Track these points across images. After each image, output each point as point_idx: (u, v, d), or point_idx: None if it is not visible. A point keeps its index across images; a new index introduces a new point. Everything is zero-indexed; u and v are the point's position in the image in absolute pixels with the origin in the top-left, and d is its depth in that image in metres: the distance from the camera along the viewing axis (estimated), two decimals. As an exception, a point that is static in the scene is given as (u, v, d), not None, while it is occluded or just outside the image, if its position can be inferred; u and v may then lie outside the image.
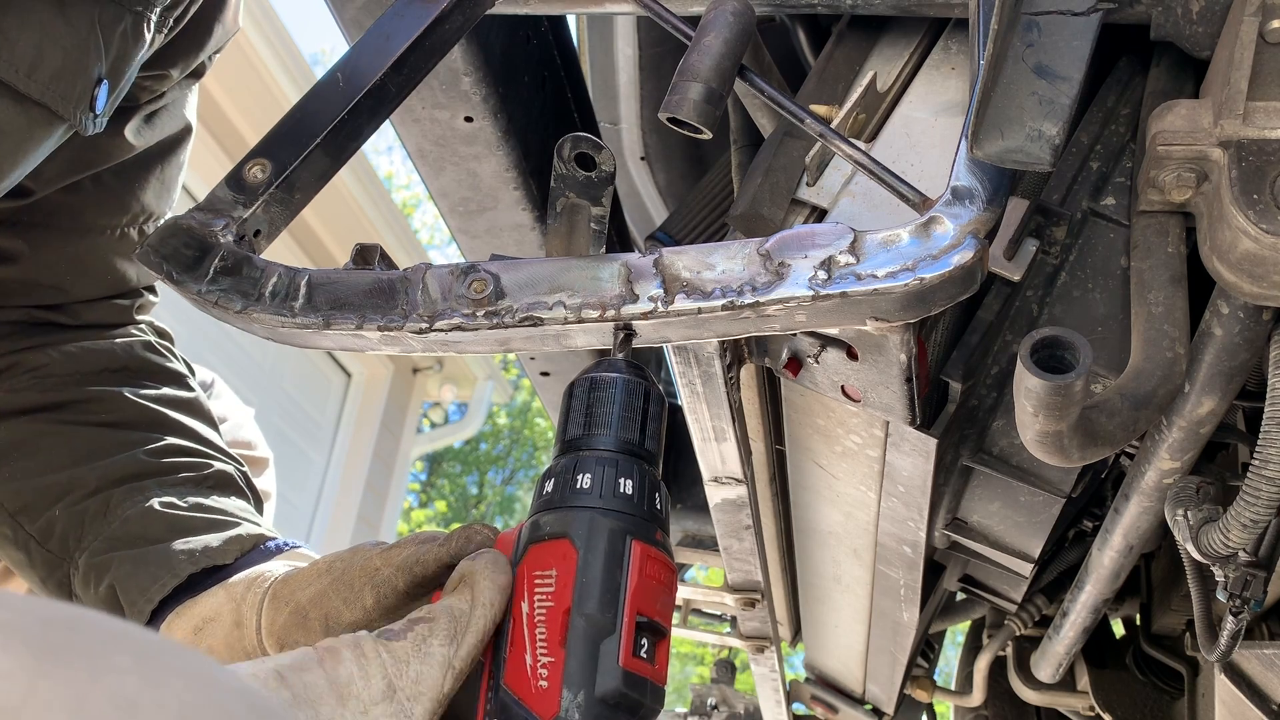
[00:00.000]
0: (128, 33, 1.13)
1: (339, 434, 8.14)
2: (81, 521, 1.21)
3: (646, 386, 0.88)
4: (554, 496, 0.83)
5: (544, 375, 2.15)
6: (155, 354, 1.37)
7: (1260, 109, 0.92)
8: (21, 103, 1.06)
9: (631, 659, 0.77)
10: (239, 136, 5.73)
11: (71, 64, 1.08)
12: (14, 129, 1.07)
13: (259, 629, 1.04)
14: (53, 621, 0.41)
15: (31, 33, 1.04)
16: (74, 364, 1.30)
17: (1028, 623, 2.16)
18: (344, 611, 0.98)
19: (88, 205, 1.30)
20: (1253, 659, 1.50)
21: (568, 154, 0.98)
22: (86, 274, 1.33)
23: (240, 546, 1.16)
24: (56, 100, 1.08)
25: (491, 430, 18.04)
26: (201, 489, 1.24)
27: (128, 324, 1.39)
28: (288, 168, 0.98)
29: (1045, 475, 1.31)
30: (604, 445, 0.84)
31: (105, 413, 1.28)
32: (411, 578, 0.95)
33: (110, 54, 1.12)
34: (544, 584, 0.80)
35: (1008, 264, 1.01)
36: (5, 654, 0.38)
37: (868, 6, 1.14)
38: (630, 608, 0.78)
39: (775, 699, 2.61)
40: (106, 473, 1.22)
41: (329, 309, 0.92)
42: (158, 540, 1.16)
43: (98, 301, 1.36)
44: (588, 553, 0.79)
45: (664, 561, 0.82)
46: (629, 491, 0.82)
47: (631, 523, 0.81)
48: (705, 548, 2.39)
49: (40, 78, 1.06)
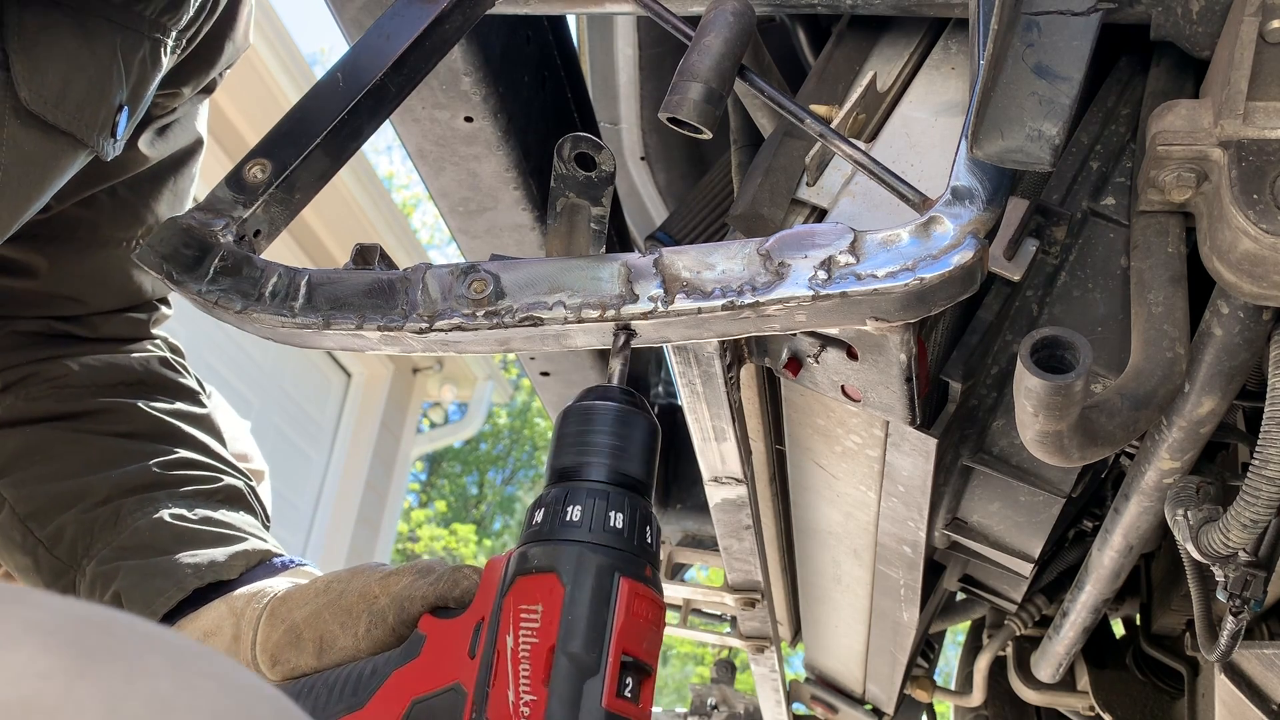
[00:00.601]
0: (146, 59, 1.15)
1: (339, 434, 8.14)
2: (91, 529, 1.22)
3: (640, 416, 0.86)
4: (543, 528, 0.82)
5: (544, 375, 2.15)
6: (170, 370, 1.39)
7: (1260, 109, 0.92)
8: (49, 132, 1.08)
9: (615, 700, 0.76)
10: (238, 136, 5.73)
11: (95, 93, 1.10)
12: (42, 157, 1.09)
13: (253, 644, 1.05)
14: (89, 622, 0.41)
15: (59, 62, 1.06)
16: (92, 376, 1.32)
17: (1028, 623, 2.16)
18: (339, 635, 0.99)
19: (104, 218, 1.32)
20: (1253, 659, 1.50)
21: (568, 154, 0.98)
22: (104, 286, 1.36)
23: (246, 562, 1.17)
24: (81, 129, 1.10)
25: (491, 430, 18.05)
26: (211, 502, 1.25)
27: (144, 338, 1.41)
28: (288, 168, 0.98)
29: (1045, 475, 1.31)
30: (595, 476, 0.83)
31: (120, 424, 1.29)
32: (401, 613, 0.96)
33: (130, 80, 1.14)
34: (529, 619, 0.79)
35: (1008, 264, 1.01)
36: (45, 654, 0.39)
37: (868, 6, 1.14)
38: (615, 647, 0.77)
39: (775, 699, 2.61)
40: (118, 482, 1.23)
41: (329, 309, 0.92)
42: (165, 551, 1.17)
43: (115, 315, 1.38)
44: (574, 589, 0.77)
45: (652, 599, 0.81)
46: (619, 525, 0.80)
47: (620, 558, 0.79)
48: (705, 548, 2.39)
49: (67, 107, 1.08)
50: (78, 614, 0.42)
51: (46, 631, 0.40)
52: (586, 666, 0.76)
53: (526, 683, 0.77)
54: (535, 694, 0.76)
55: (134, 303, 1.39)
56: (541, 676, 0.76)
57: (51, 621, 0.40)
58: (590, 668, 0.76)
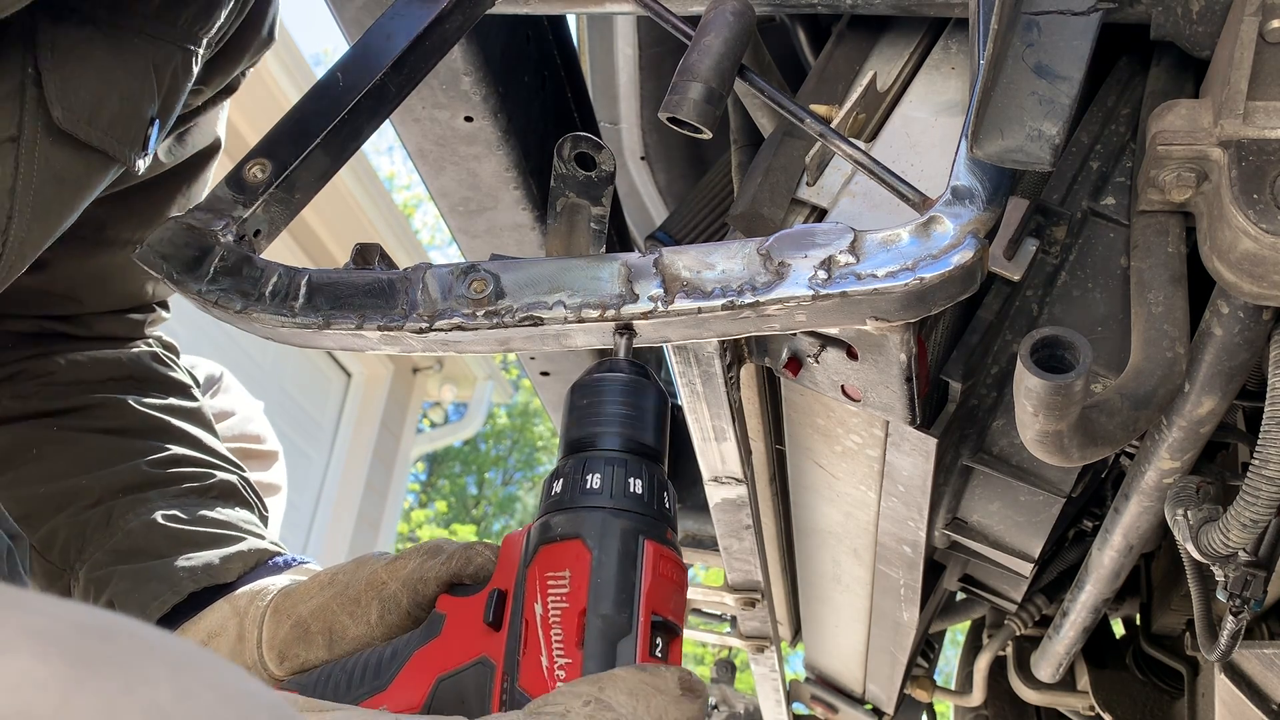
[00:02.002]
0: (178, 70, 1.13)
1: (339, 434, 8.14)
2: (83, 532, 1.20)
3: (650, 385, 0.88)
4: (564, 497, 0.83)
5: (544, 375, 2.15)
6: (161, 365, 1.38)
7: (1260, 108, 0.92)
8: (80, 150, 1.06)
9: (648, 658, 0.77)
10: (239, 136, 5.73)
11: (129, 108, 1.09)
12: (73, 176, 1.08)
13: (259, 642, 1.04)
14: (87, 629, 0.41)
15: (91, 79, 1.05)
16: (79, 372, 1.30)
17: (1028, 622, 2.16)
18: (349, 625, 0.98)
19: (111, 219, 1.30)
20: (1253, 659, 1.50)
21: (568, 153, 0.98)
22: (104, 286, 1.34)
23: (243, 564, 1.16)
24: (113, 145, 1.09)
25: (491, 430, 18.05)
26: (205, 500, 1.24)
27: (138, 338, 1.39)
28: (288, 167, 0.99)
29: (1045, 475, 1.31)
30: (611, 445, 0.84)
31: (110, 420, 1.28)
32: (414, 595, 0.95)
33: (162, 93, 1.12)
34: (558, 585, 0.80)
35: (1008, 264, 1.01)
36: (41, 662, 0.38)
37: (868, 6, 1.14)
38: (645, 608, 0.78)
39: (775, 699, 2.61)
40: (110, 482, 1.22)
41: (329, 309, 0.92)
42: (159, 555, 1.16)
43: (110, 314, 1.36)
44: (601, 553, 0.79)
45: (675, 560, 0.83)
46: (639, 491, 0.82)
47: (643, 522, 0.81)
48: (705, 548, 2.39)
49: (100, 124, 1.06)
50: (77, 620, 0.41)
51: (44, 638, 0.39)
52: (619, 627, 0.77)
53: (560, 647, 0.78)
54: (569, 657, 0.77)
55: (133, 305, 1.38)
56: (574, 640, 0.77)
57: (50, 627, 0.40)
58: (623, 628, 0.77)
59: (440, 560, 0.95)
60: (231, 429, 1.64)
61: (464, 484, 18.54)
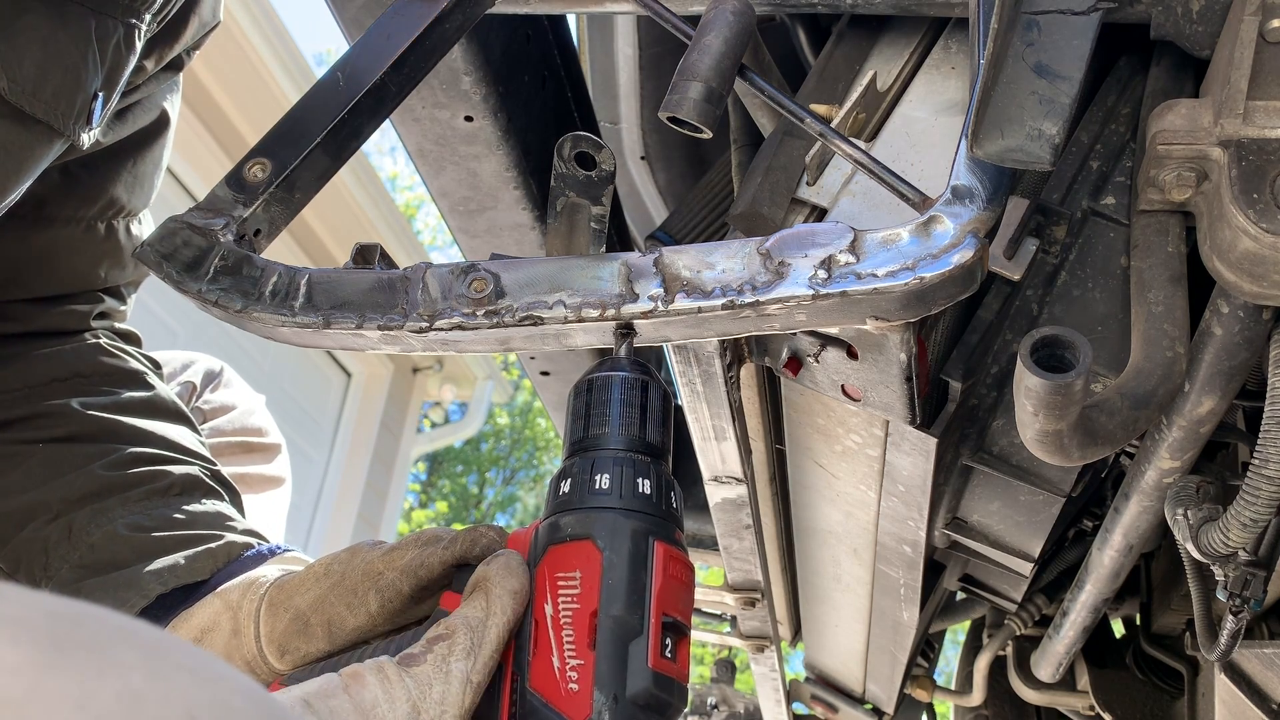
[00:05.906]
0: (121, 45, 1.12)
1: (339, 434, 8.14)
2: (45, 549, 1.17)
3: (654, 384, 0.88)
4: (572, 497, 0.83)
5: (544, 375, 2.15)
6: (108, 356, 1.33)
7: (1260, 108, 0.92)
8: (24, 121, 1.06)
9: (659, 659, 0.78)
10: (239, 136, 5.73)
11: (71, 81, 1.08)
12: (17, 147, 1.07)
13: (258, 636, 1.02)
14: (59, 616, 0.41)
15: (35, 51, 1.04)
16: (21, 378, 1.26)
17: (1028, 622, 2.16)
18: (347, 616, 0.96)
19: (53, 196, 1.26)
20: (1253, 658, 1.50)
21: (568, 153, 0.98)
22: (47, 267, 1.29)
23: (213, 560, 1.13)
24: (57, 118, 1.08)
25: (492, 430, 18.05)
26: (167, 499, 1.20)
27: (84, 330, 1.34)
28: (288, 167, 0.99)
29: (1045, 475, 1.31)
30: (618, 445, 0.85)
31: (57, 428, 1.24)
32: (416, 581, 0.94)
33: (105, 67, 1.11)
34: (568, 586, 0.80)
35: (1008, 263, 1.01)
36: (12, 648, 0.38)
37: (868, 6, 1.14)
38: (656, 608, 0.79)
39: (775, 698, 2.61)
40: (65, 494, 1.19)
41: (329, 308, 0.92)
42: (126, 565, 1.13)
43: (50, 306, 1.31)
44: (612, 554, 0.79)
45: (684, 561, 0.83)
46: (647, 491, 0.83)
47: (652, 523, 0.82)
48: (705, 547, 2.39)
49: (44, 96, 1.06)
50: (48, 607, 0.41)
51: (16, 624, 0.39)
52: (631, 628, 0.78)
53: (571, 648, 0.78)
54: (582, 658, 0.78)
55: (77, 289, 1.32)
56: (586, 641, 0.78)
57: (21, 614, 0.40)
58: (634, 629, 0.78)
59: (443, 544, 0.93)
60: (233, 423, 1.64)
61: (465, 484, 18.53)
